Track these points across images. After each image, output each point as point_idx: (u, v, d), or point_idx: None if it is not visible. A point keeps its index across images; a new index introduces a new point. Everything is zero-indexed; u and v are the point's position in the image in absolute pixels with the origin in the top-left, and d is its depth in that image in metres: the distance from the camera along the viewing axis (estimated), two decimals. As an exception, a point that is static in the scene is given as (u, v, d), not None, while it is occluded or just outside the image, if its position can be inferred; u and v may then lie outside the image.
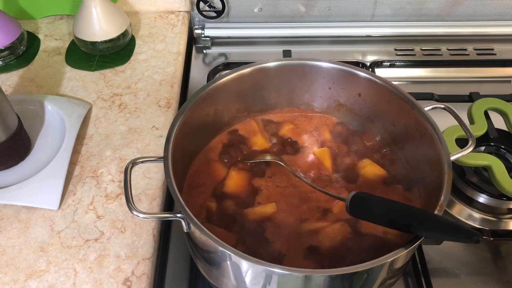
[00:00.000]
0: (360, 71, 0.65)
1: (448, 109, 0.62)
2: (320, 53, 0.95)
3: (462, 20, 0.97)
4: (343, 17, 0.97)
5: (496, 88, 0.88)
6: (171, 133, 0.57)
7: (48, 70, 0.85)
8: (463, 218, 0.69)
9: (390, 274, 0.53)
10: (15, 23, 0.86)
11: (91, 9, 0.83)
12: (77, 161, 0.71)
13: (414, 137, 0.61)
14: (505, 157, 0.72)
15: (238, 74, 0.65)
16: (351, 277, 0.49)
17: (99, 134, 0.74)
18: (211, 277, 0.57)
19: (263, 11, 0.96)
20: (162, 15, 0.97)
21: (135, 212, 0.52)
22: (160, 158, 0.55)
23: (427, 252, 0.64)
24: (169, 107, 0.79)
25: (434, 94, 0.84)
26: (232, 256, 0.48)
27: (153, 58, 0.88)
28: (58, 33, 0.93)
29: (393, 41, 0.97)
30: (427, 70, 0.93)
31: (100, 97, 0.80)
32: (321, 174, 0.64)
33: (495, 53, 0.95)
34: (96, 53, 0.87)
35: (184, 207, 0.50)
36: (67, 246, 0.62)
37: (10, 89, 0.81)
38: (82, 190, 0.67)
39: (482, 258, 0.65)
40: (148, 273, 0.60)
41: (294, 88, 0.69)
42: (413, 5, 0.96)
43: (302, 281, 0.48)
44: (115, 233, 0.63)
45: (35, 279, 0.59)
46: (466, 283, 0.63)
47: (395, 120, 0.64)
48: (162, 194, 0.68)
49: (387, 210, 0.50)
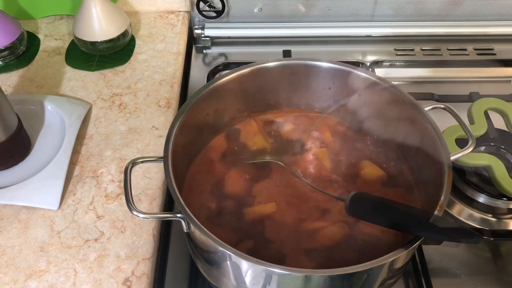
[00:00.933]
0: (360, 71, 0.65)
1: (448, 109, 0.62)
2: (320, 53, 0.95)
3: (462, 20, 0.97)
4: (343, 17, 0.97)
5: (496, 88, 0.88)
6: (171, 133, 0.57)
7: (48, 70, 0.85)
8: (463, 218, 0.69)
9: (390, 274, 0.53)
10: (15, 23, 0.86)
11: (91, 9, 0.83)
12: (77, 161, 0.71)
13: (414, 137, 0.61)
14: (505, 157, 0.72)
15: (238, 74, 0.65)
16: (351, 277, 0.49)
17: (99, 134, 0.74)
18: (211, 277, 0.57)
19: (263, 11, 0.96)
20: (162, 15, 0.97)
21: (135, 212, 0.52)
22: (160, 158, 0.55)
23: (427, 252, 0.64)
24: (169, 107, 0.79)
25: (434, 94, 0.84)
26: (232, 256, 0.48)
27: (153, 58, 0.88)
28: (58, 33, 0.93)
29: (393, 41, 0.97)
30: (427, 70, 0.93)
31: (100, 97, 0.80)
32: (321, 175, 0.64)
33: (495, 53, 0.95)
34: (96, 53, 0.87)
35: (184, 207, 0.50)
36: (67, 246, 0.62)
37: (10, 89, 0.81)
38: (82, 190, 0.67)
39: (482, 258, 0.65)
40: (148, 273, 0.60)
41: (294, 88, 0.69)
42: (413, 5, 0.95)
43: (302, 281, 0.49)
44: (115, 233, 0.63)
45: (35, 279, 0.59)
46: (466, 283, 0.62)
47: (395, 120, 0.64)
48: (162, 194, 0.68)
49: (386, 210, 0.50)
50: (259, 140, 0.68)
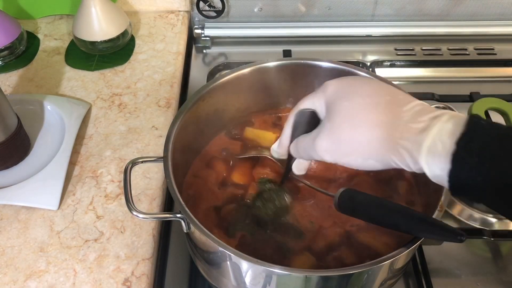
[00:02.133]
0: (360, 71, 0.64)
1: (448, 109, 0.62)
2: (320, 53, 0.95)
3: (463, 20, 0.97)
4: (343, 16, 0.97)
5: (497, 88, 0.88)
6: (171, 133, 0.57)
7: (48, 70, 0.85)
8: (464, 219, 0.68)
9: (391, 275, 0.53)
10: (14, 23, 0.86)
11: (90, 9, 0.83)
12: (77, 161, 0.71)
13: (414, 137, 0.61)
14: (505, 157, 0.72)
15: (238, 74, 0.65)
16: (351, 278, 0.49)
17: (99, 134, 0.74)
18: (211, 277, 0.57)
19: (263, 11, 0.96)
20: (162, 14, 0.97)
21: (134, 212, 0.52)
22: (160, 158, 0.55)
23: (427, 252, 0.64)
24: (169, 107, 0.79)
25: (434, 94, 0.84)
26: (232, 256, 0.48)
27: (153, 58, 0.87)
28: (57, 33, 0.92)
29: (394, 40, 0.97)
30: (427, 70, 0.93)
31: (100, 97, 0.80)
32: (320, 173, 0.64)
33: (495, 53, 0.95)
34: (96, 53, 0.87)
35: (184, 207, 0.50)
36: (67, 246, 0.61)
37: (10, 89, 0.81)
38: (81, 190, 0.67)
39: (482, 258, 0.65)
40: (148, 273, 0.60)
41: (294, 88, 0.69)
42: (414, 5, 0.95)
43: (302, 281, 0.48)
44: (114, 233, 0.63)
45: (35, 279, 0.58)
46: (466, 283, 0.62)
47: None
48: (162, 194, 0.68)
49: (375, 208, 0.50)
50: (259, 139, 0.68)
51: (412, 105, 0.44)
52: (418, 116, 0.42)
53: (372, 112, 0.44)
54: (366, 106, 0.45)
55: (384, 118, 0.43)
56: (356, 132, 0.44)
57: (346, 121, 0.45)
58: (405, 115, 0.43)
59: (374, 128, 0.43)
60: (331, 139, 0.46)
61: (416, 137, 0.41)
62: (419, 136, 0.41)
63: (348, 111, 0.45)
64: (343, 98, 0.46)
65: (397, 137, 0.42)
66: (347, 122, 0.45)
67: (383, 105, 0.44)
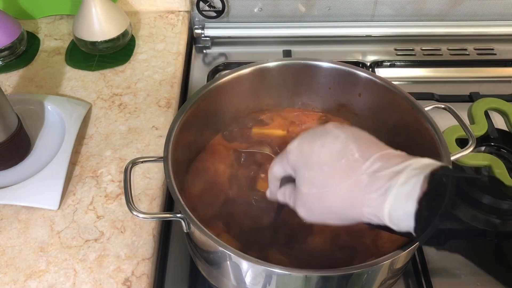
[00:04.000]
0: (360, 71, 0.65)
1: (448, 109, 0.62)
2: (320, 53, 0.95)
3: (462, 20, 0.97)
4: (343, 17, 0.97)
5: (497, 88, 0.88)
6: (171, 133, 0.57)
7: (48, 70, 0.85)
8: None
9: (390, 274, 0.53)
10: (15, 23, 0.86)
11: (91, 9, 0.83)
12: (77, 161, 0.71)
13: (414, 137, 0.61)
14: (505, 157, 0.72)
15: (238, 74, 0.65)
16: (351, 277, 0.49)
17: (99, 134, 0.74)
18: (211, 277, 0.57)
19: (263, 11, 0.96)
20: (162, 15, 0.97)
21: (135, 212, 0.52)
22: (160, 158, 0.55)
23: (427, 252, 0.64)
24: (169, 107, 0.79)
25: (434, 94, 0.84)
26: (232, 256, 0.48)
27: (153, 58, 0.87)
28: (58, 33, 0.92)
29: (393, 41, 0.97)
30: (427, 70, 0.93)
31: (100, 97, 0.80)
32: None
33: (495, 53, 0.95)
34: (96, 53, 0.87)
35: (184, 207, 0.50)
36: (67, 246, 0.61)
37: (10, 89, 0.81)
38: (82, 190, 0.67)
39: (483, 258, 0.65)
40: (148, 273, 0.60)
41: (294, 88, 0.69)
42: (413, 5, 0.95)
43: (302, 281, 0.48)
44: (115, 233, 0.63)
45: (35, 279, 0.59)
46: (466, 283, 0.62)
47: (395, 121, 0.64)
48: (162, 194, 0.68)
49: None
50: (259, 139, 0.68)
51: (369, 163, 0.44)
52: (375, 178, 0.43)
53: (332, 183, 0.44)
54: (326, 176, 0.45)
55: (344, 187, 0.44)
56: (324, 204, 0.46)
57: (312, 194, 0.46)
58: (364, 179, 0.43)
59: (338, 199, 0.45)
60: (305, 208, 0.48)
61: (377, 204, 0.43)
62: (380, 202, 0.42)
63: (311, 181, 0.46)
64: (303, 168, 0.46)
65: (360, 205, 0.44)
66: (313, 195, 0.46)
67: (340, 172, 0.44)
